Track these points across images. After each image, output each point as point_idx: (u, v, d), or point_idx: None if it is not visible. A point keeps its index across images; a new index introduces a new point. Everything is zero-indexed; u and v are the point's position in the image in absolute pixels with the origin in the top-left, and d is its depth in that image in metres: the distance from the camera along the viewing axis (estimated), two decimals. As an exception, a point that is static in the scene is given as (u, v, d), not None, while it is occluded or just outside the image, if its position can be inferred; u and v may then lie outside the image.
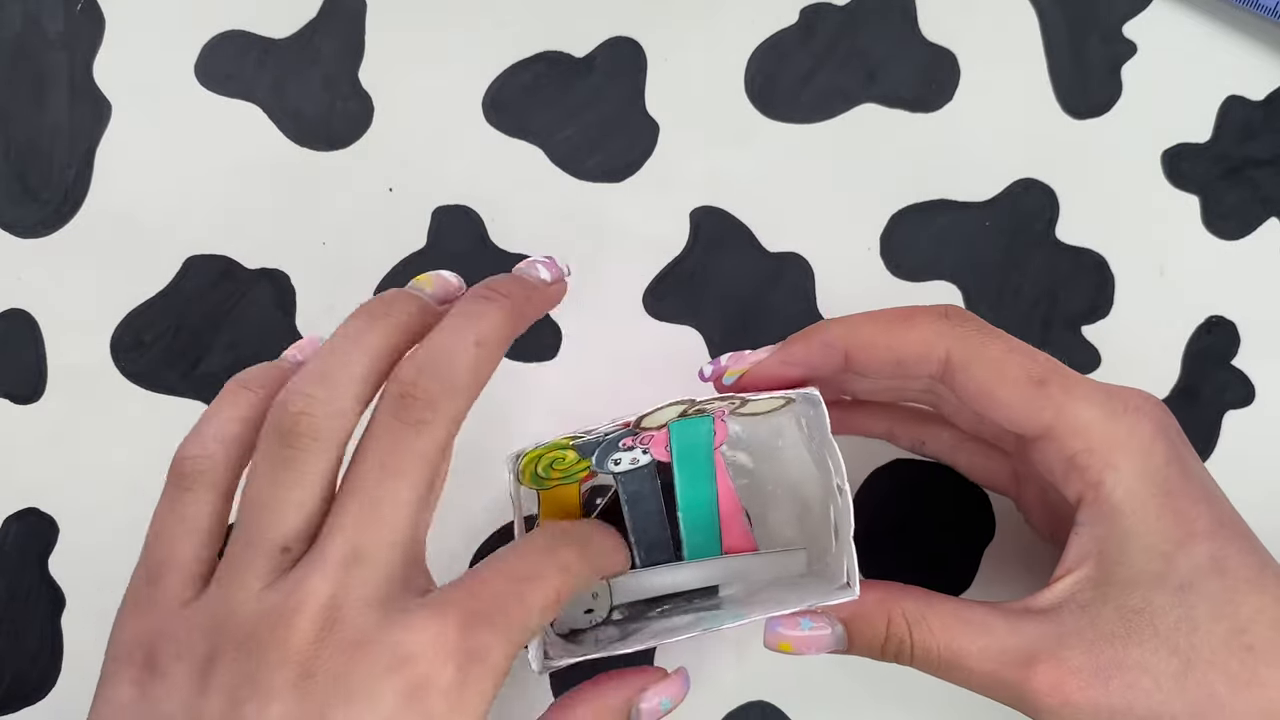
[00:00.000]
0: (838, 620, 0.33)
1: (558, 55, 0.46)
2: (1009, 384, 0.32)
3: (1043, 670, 0.31)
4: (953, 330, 0.33)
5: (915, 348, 0.33)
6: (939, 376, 0.33)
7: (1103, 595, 0.32)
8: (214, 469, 0.32)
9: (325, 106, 0.45)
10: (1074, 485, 0.33)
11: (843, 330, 0.34)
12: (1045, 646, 0.32)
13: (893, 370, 0.34)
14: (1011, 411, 0.32)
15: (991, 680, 0.32)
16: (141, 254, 0.45)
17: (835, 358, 0.34)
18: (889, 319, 0.34)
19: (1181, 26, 0.45)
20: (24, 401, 0.44)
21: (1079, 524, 0.33)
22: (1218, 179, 0.45)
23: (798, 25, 0.45)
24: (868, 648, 0.33)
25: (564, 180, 0.45)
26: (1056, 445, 0.32)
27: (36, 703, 0.43)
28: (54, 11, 0.45)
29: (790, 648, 0.33)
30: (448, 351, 0.31)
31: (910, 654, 0.33)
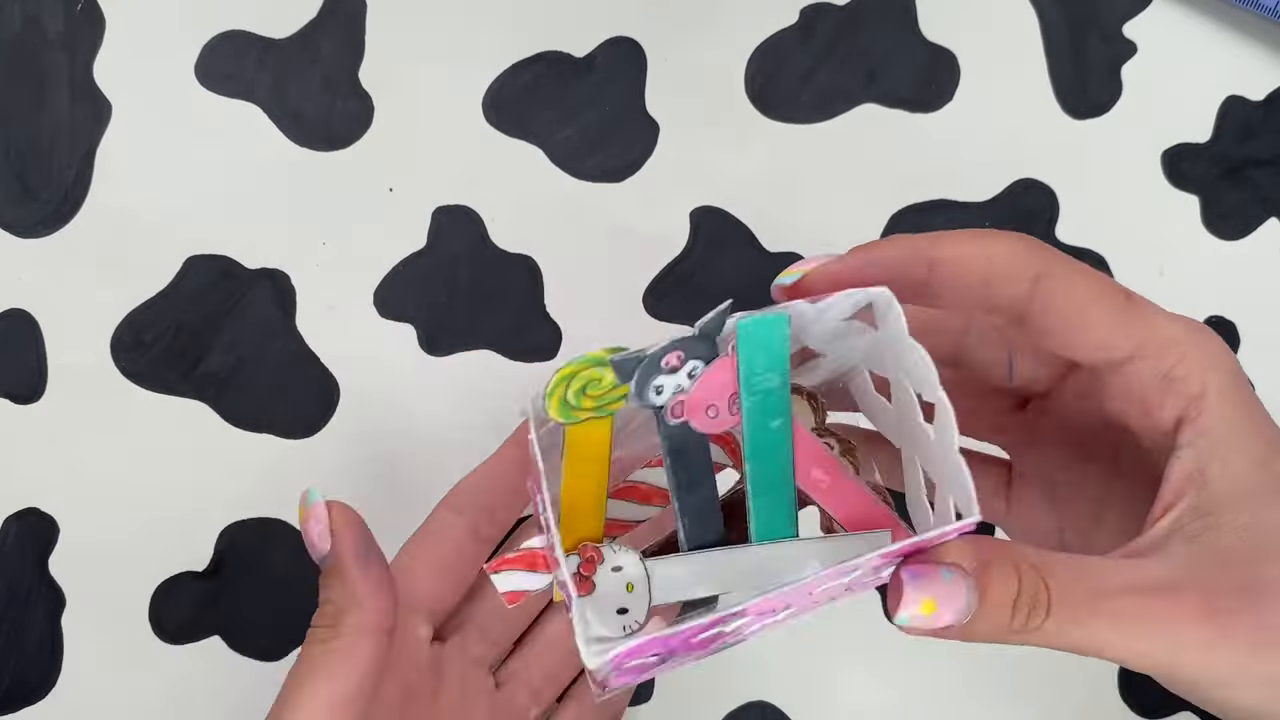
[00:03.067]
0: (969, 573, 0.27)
1: (558, 55, 0.46)
2: (1103, 301, 0.30)
3: (1190, 597, 0.28)
4: (1038, 250, 0.31)
5: (1010, 262, 0.30)
6: (1024, 299, 0.30)
7: (1213, 521, 0.29)
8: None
9: (325, 106, 0.45)
10: (1172, 404, 0.30)
11: (931, 239, 0.30)
12: (1179, 577, 0.28)
13: (980, 285, 0.30)
14: (1105, 330, 0.30)
15: (1138, 621, 0.27)
16: (141, 254, 0.45)
17: (921, 265, 0.30)
18: (973, 234, 0.31)
19: (1181, 26, 0.45)
20: (24, 401, 0.44)
21: (1180, 447, 0.30)
22: (1218, 179, 0.45)
23: (798, 25, 0.46)
24: (998, 609, 0.27)
25: (564, 180, 0.45)
26: (1152, 361, 0.30)
27: (36, 703, 0.43)
28: (54, 11, 0.45)
29: (934, 608, 0.27)
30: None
31: (1046, 609, 0.27)
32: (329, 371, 0.45)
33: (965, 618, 0.27)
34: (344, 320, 0.45)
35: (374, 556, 0.34)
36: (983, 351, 0.34)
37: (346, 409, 0.44)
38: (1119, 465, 0.33)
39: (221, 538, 0.44)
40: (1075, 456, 0.34)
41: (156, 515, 0.44)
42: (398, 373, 0.44)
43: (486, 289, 0.45)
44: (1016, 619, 0.27)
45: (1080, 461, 0.34)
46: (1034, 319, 0.31)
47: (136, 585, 0.44)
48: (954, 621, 0.27)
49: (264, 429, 0.44)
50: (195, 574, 0.44)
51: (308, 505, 0.34)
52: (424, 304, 0.45)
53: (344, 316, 0.45)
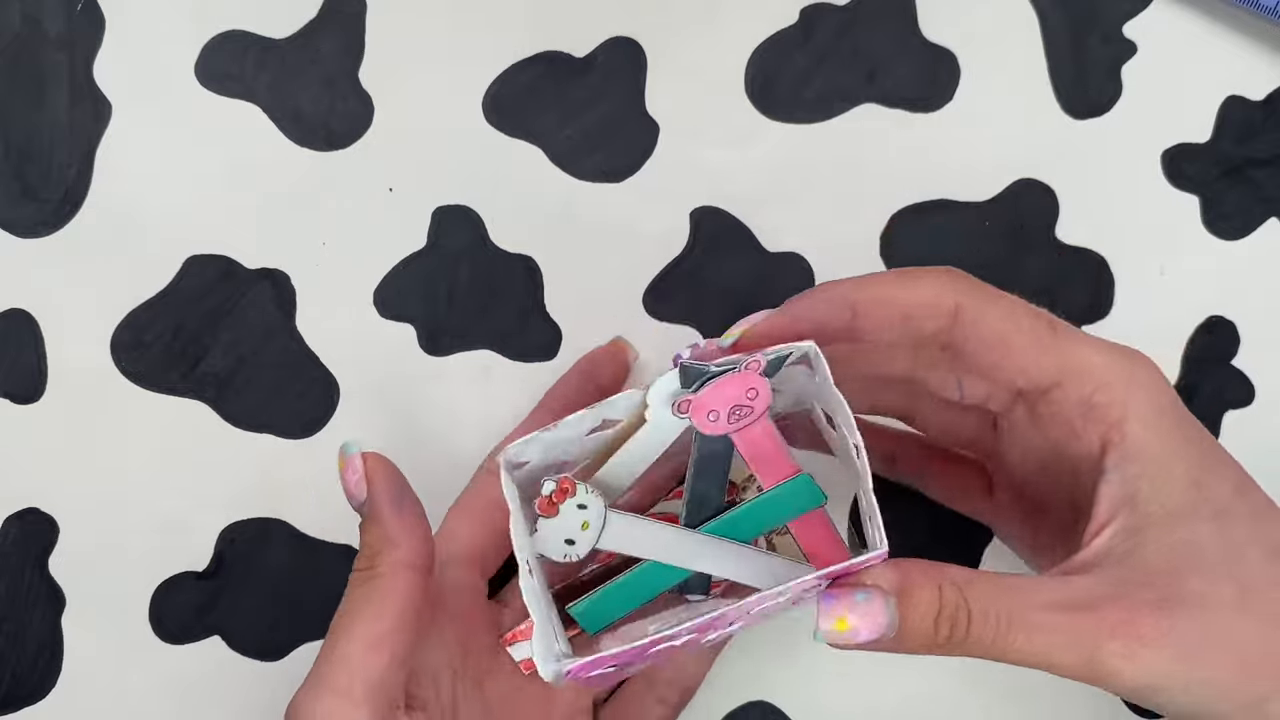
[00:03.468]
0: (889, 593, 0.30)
1: (558, 55, 0.46)
2: (1023, 330, 0.32)
3: (1110, 611, 0.30)
4: (959, 283, 0.33)
5: (926, 299, 0.32)
6: (946, 330, 0.33)
7: (1142, 540, 0.31)
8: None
9: (325, 106, 0.45)
10: (1094, 430, 0.32)
11: (849, 286, 0.33)
12: (1103, 593, 0.30)
13: (900, 325, 0.33)
14: (1026, 358, 0.32)
15: (1058, 638, 0.30)
16: (141, 254, 0.45)
17: (842, 314, 0.33)
18: (895, 275, 0.33)
19: (1181, 26, 0.45)
20: (24, 401, 0.44)
21: (1107, 471, 0.32)
22: (1218, 179, 0.45)
23: (798, 25, 0.45)
24: (921, 625, 0.30)
25: (564, 180, 0.45)
26: (1074, 389, 0.32)
27: (36, 703, 0.43)
28: (54, 11, 0.45)
29: (846, 626, 0.29)
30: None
31: (968, 625, 0.30)
32: (329, 371, 0.45)
33: (887, 633, 0.29)
34: (344, 320, 0.45)
35: (408, 500, 0.36)
36: (932, 374, 0.36)
37: (346, 409, 0.44)
38: (1079, 480, 0.34)
39: (221, 538, 0.44)
40: (1039, 470, 0.35)
41: (156, 515, 0.44)
42: (398, 373, 0.44)
43: (486, 289, 0.45)
44: (940, 633, 0.30)
45: (1044, 475, 0.35)
46: (957, 348, 0.33)
47: (136, 585, 0.44)
48: (872, 638, 0.29)
49: (264, 429, 0.44)
50: (195, 574, 0.44)
51: (345, 456, 0.36)
52: (424, 304, 0.45)
53: (344, 316, 0.45)
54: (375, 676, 0.34)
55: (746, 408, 0.32)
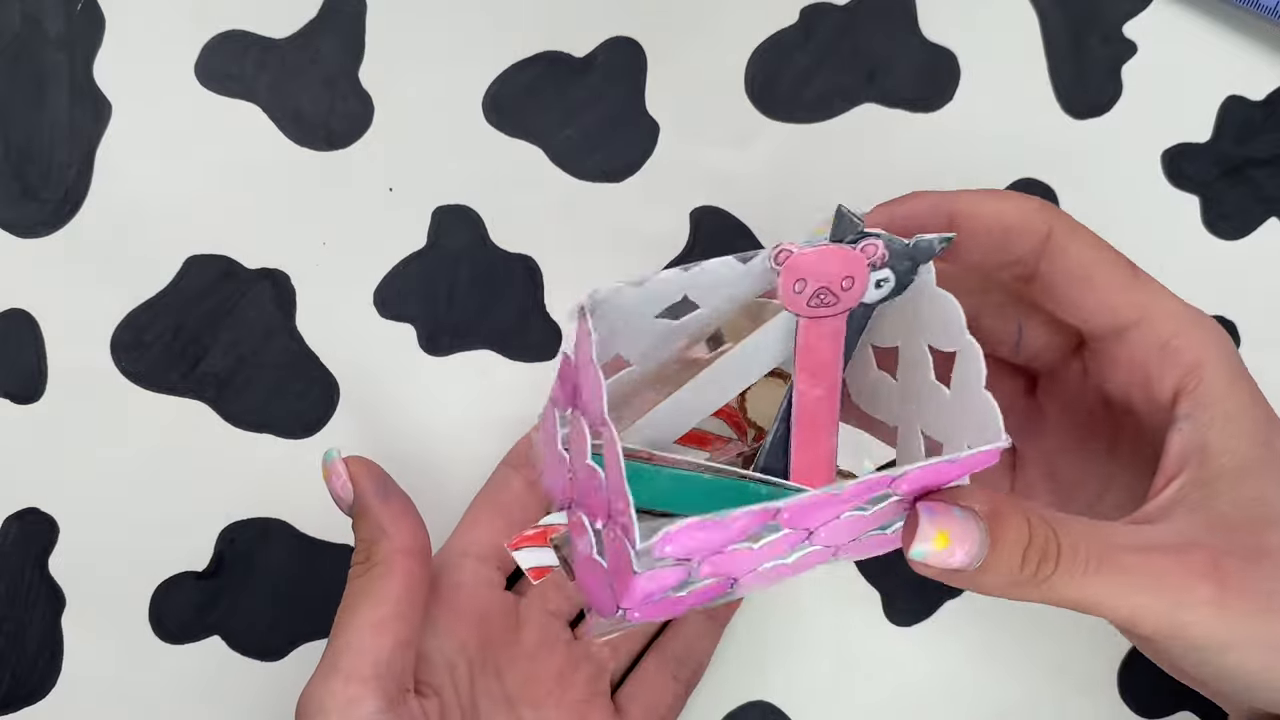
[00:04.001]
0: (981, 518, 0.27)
1: (558, 55, 0.46)
2: (1108, 265, 0.32)
3: (1198, 555, 0.28)
4: (1053, 209, 0.32)
5: (1023, 217, 0.32)
6: (1035, 254, 0.32)
7: (1213, 492, 0.30)
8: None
9: (325, 106, 0.45)
10: (1171, 373, 0.31)
11: (949, 195, 0.32)
12: (1186, 538, 0.29)
13: (997, 239, 0.32)
14: (1110, 292, 0.31)
15: (1146, 580, 0.28)
16: (141, 254, 0.45)
17: (939, 219, 0.32)
18: (988, 191, 0.32)
19: (1182, 26, 0.45)
20: (24, 401, 0.44)
21: (1179, 419, 0.31)
22: (1218, 179, 0.45)
23: (798, 25, 0.45)
24: (1009, 557, 0.27)
25: (564, 180, 0.45)
26: (1154, 329, 0.31)
27: (36, 703, 0.43)
28: (54, 11, 0.45)
29: (948, 542, 0.27)
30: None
31: (1057, 557, 0.28)
32: (329, 371, 0.45)
33: (977, 560, 0.27)
34: (344, 320, 0.45)
35: (393, 492, 0.37)
36: (993, 321, 0.35)
37: (346, 409, 0.44)
38: (1119, 447, 0.34)
39: (221, 538, 0.44)
40: (1077, 439, 0.35)
41: (156, 515, 0.44)
42: (398, 373, 0.44)
43: (486, 289, 0.45)
44: (1026, 568, 0.27)
45: (1082, 444, 0.34)
46: (1043, 276, 0.32)
47: (136, 585, 0.44)
48: (965, 562, 0.27)
49: (264, 429, 0.44)
50: (195, 574, 0.44)
51: (327, 463, 0.37)
52: (424, 304, 0.45)
53: (344, 316, 0.45)
54: (382, 659, 0.35)
55: (833, 296, 0.30)
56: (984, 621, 0.43)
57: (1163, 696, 0.43)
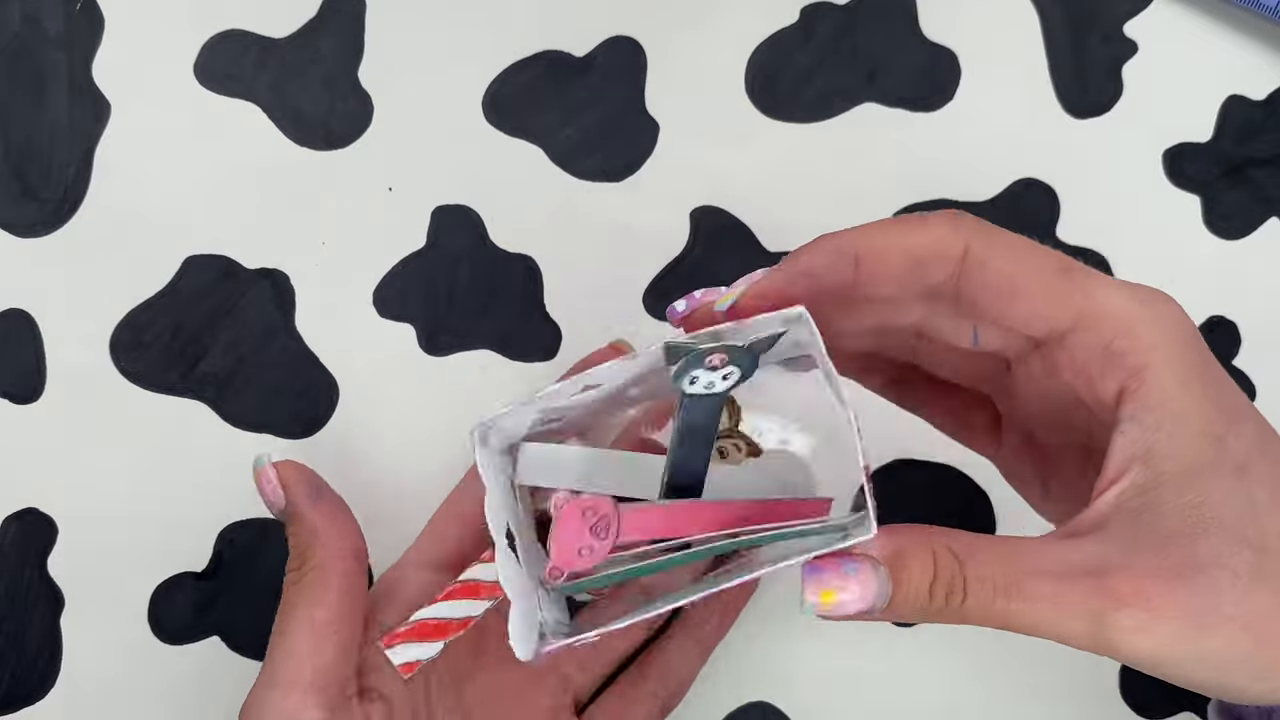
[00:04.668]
0: (879, 562, 0.28)
1: (558, 55, 0.45)
2: (1035, 272, 0.30)
3: (1119, 580, 0.28)
4: (965, 225, 0.30)
5: (933, 244, 0.30)
6: (954, 277, 0.30)
7: (1156, 498, 0.29)
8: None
9: (325, 106, 0.45)
10: (1113, 378, 0.30)
11: (851, 236, 0.31)
12: (1111, 559, 0.28)
13: (908, 274, 0.30)
14: (1038, 302, 0.30)
15: (1061, 606, 0.28)
16: (141, 254, 0.45)
17: (845, 265, 0.30)
18: (898, 221, 0.31)
19: (1182, 26, 0.45)
20: (23, 401, 0.44)
21: (1123, 421, 0.29)
22: (1218, 179, 0.45)
23: (798, 25, 0.45)
24: (915, 594, 0.28)
25: (564, 180, 0.45)
26: (1091, 334, 0.30)
27: (36, 703, 0.43)
28: (53, 11, 0.45)
29: (833, 598, 0.28)
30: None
31: (964, 592, 0.28)
32: (329, 371, 0.45)
33: (880, 602, 0.28)
34: (344, 320, 0.45)
35: (325, 495, 0.37)
36: (947, 322, 0.33)
37: (346, 409, 0.44)
38: (1093, 430, 0.32)
39: (221, 538, 0.44)
40: (1055, 419, 0.33)
41: (156, 515, 0.44)
42: (398, 373, 0.44)
43: (486, 289, 0.45)
44: (935, 601, 0.28)
45: (1060, 424, 0.33)
46: (966, 296, 0.31)
47: (136, 585, 0.44)
48: (864, 608, 0.28)
49: (264, 429, 0.44)
50: (195, 574, 0.44)
51: (257, 469, 0.38)
52: (424, 304, 0.45)
53: (344, 316, 0.45)
54: (321, 665, 0.35)
55: (590, 546, 0.32)
56: (984, 622, 0.43)
57: (1163, 697, 0.43)
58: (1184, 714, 0.43)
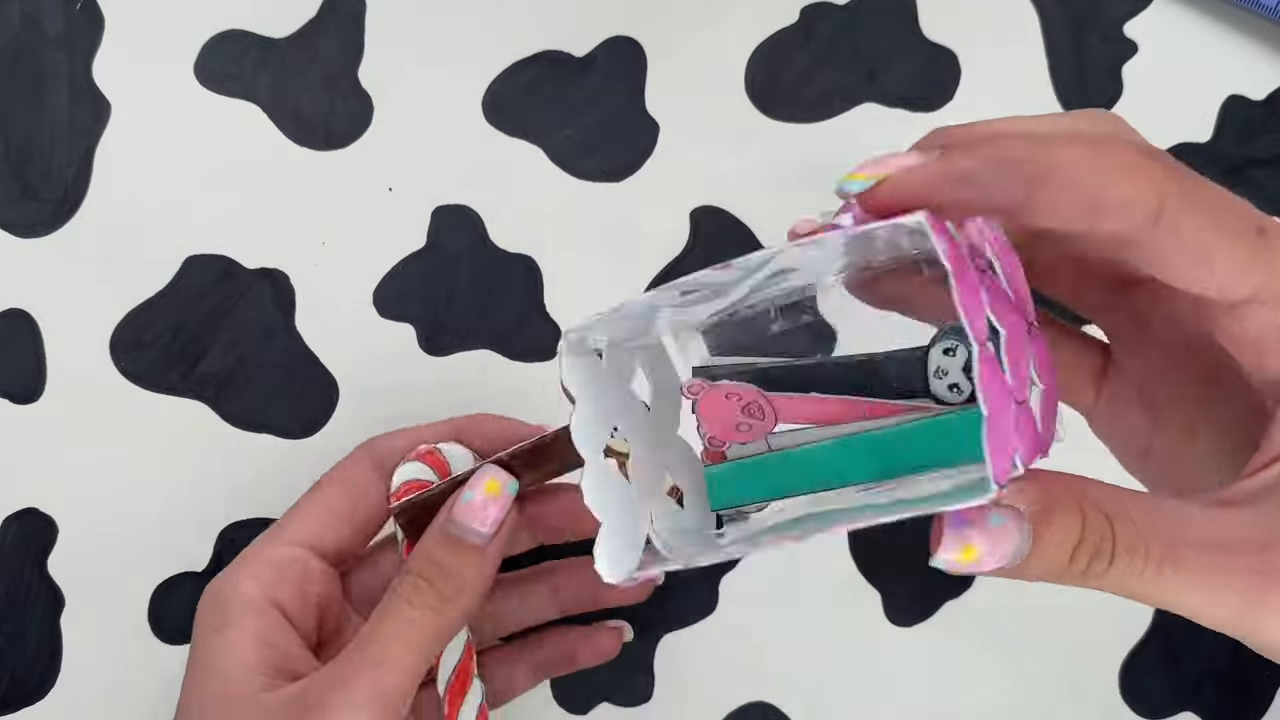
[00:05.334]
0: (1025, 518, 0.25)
1: (557, 55, 0.45)
2: (1231, 238, 0.26)
3: (1276, 561, 0.25)
4: (1167, 171, 0.26)
5: (1129, 191, 0.25)
6: (1141, 230, 0.26)
7: None
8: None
9: (325, 106, 0.45)
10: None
11: (1040, 154, 0.25)
12: (1270, 534, 0.25)
13: (1087, 218, 0.26)
14: (1227, 271, 0.26)
15: (1213, 582, 0.25)
16: (141, 254, 0.45)
17: (1015, 190, 0.25)
18: (1093, 149, 0.26)
19: (1182, 26, 0.45)
20: (23, 401, 0.44)
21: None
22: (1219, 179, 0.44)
23: (798, 25, 0.45)
24: (1055, 556, 0.25)
25: (564, 180, 0.45)
26: (1269, 310, 0.26)
27: (36, 703, 0.43)
28: (53, 11, 0.45)
29: (975, 555, 0.24)
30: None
31: (1111, 556, 0.25)
32: (329, 371, 0.45)
33: (1015, 560, 0.25)
34: (343, 320, 0.45)
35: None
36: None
37: (346, 409, 0.44)
38: (1222, 381, 0.30)
39: (221, 538, 0.44)
40: (1178, 358, 0.31)
41: (156, 515, 0.44)
42: (398, 373, 0.44)
43: (486, 289, 0.45)
44: (1075, 565, 0.25)
45: (1182, 365, 0.31)
46: (1147, 249, 0.26)
47: (136, 585, 0.44)
48: (999, 565, 0.25)
49: (264, 429, 0.44)
50: (195, 574, 0.44)
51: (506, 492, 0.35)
52: (424, 304, 0.45)
53: (343, 316, 0.45)
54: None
55: (748, 424, 0.29)
56: (984, 622, 0.43)
57: (1164, 697, 0.43)
58: (1184, 714, 0.43)
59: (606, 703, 0.43)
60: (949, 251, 0.24)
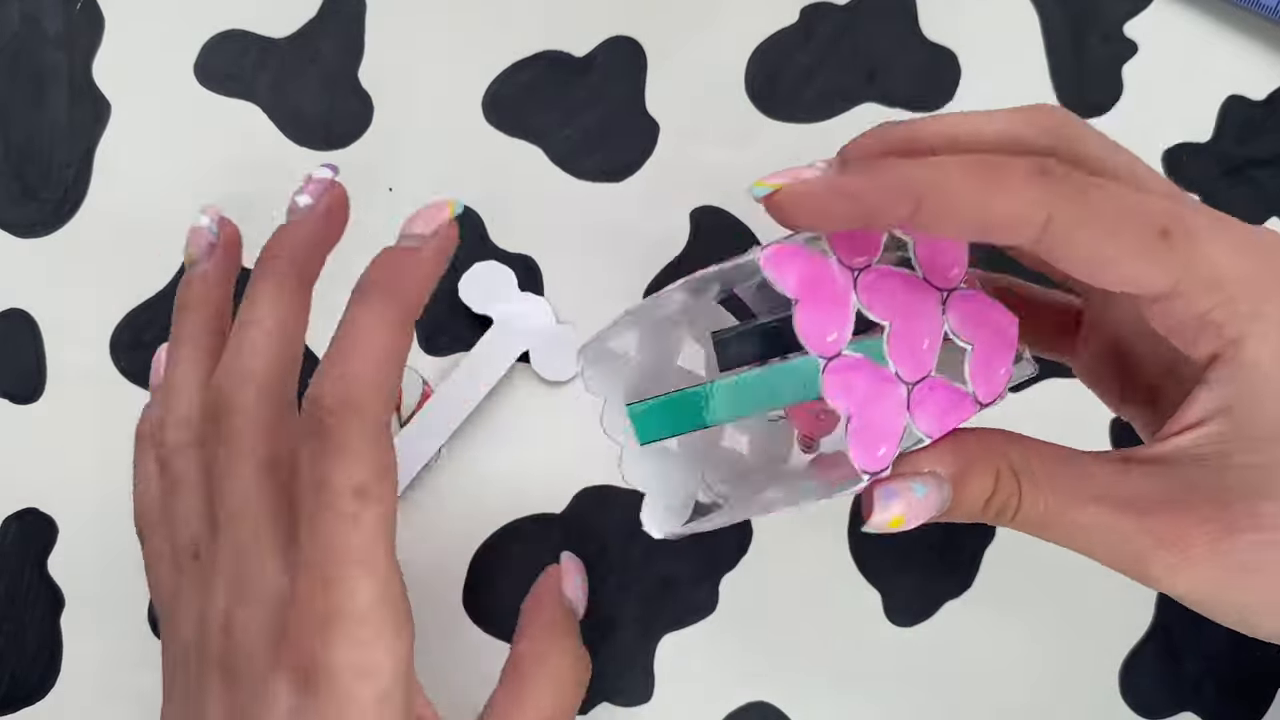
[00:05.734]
0: (945, 480, 0.28)
1: (557, 55, 0.46)
2: (1130, 242, 0.27)
3: (1165, 520, 0.28)
4: (1056, 187, 0.27)
5: (1011, 209, 0.26)
6: (1034, 240, 0.27)
7: (1226, 451, 0.28)
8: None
9: (325, 106, 0.45)
10: (1206, 343, 0.28)
11: (923, 174, 0.27)
12: (1166, 495, 0.28)
13: (975, 233, 0.27)
14: (1131, 272, 0.27)
15: (1102, 534, 0.28)
16: (141, 254, 0.45)
17: (904, 205, 0.26)
18: (979, 170, 0.27)
19: (1182, 26, 0.45)
20: (23, 401, 0.44)
21: (1209, 381, 0.28)
22: (1219, 178, 0.45)
23: (798, 25, 0.45)
24: (971, 506, 0.28)
25: (564, 180, 0.45)
26: (1184, 303, 0.28)
27: (36, 703, 0.43)
28: (53, 11, 0.45)
29: (901, 521, 0.28)
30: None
31: (1016, 509, 0.28)
32: (329, 371, 0.44)
33: (936, 516, 0.28)
34: (344, 320, 0.45)
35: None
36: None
37: (346, 409, 0.44)
38: (1179, 367, 0.32)
39: (221, 538, 0.44)
40: (1143, 336, 0.32)
41: (156, 515, 0.44)
42: (397, 373, 0.44)
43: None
44: (986, 513, 0.29)
45: (1148, 341, 0.32)
46: (1048, 259, 0.28)
47: (136, 585, 0.44)
48: (921, 522, 0.28)
49: (264, 429, 0.44)
50: (195, 574, 0.44)
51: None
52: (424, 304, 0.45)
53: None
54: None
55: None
56: (984, 622, 0.43)
57: (1164, 697, 0.43)
58: (1185, 714, 0.43)
59: (606, 703, 0.43)
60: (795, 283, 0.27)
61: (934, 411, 0.28)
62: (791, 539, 0.43)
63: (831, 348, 0.27)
